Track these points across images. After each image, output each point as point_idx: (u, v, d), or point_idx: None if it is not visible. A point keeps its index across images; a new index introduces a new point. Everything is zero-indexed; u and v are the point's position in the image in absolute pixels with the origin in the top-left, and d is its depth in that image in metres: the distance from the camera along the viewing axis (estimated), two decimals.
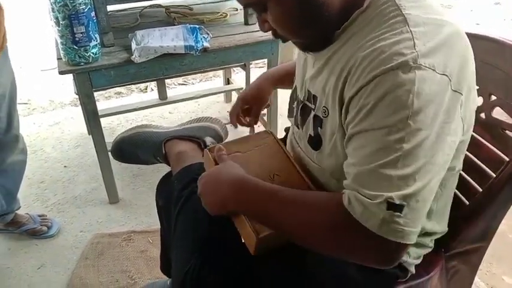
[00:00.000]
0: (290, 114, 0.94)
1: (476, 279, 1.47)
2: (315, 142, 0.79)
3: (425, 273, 0.92)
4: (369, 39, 0.65)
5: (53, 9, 1.39)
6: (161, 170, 1.21)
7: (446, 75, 0.61)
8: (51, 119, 2.44)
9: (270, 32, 0.74)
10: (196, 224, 0.89)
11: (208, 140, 1.09)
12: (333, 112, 0.72)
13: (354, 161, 0.64)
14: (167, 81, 2.66)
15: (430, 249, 0.89)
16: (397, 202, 0.58)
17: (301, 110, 0.84)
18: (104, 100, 2.67)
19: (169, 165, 1.09)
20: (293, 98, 0.93)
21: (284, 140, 1.08)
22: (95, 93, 2.42)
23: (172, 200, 0.95)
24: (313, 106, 0.79)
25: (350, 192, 0.62)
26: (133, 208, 1.81)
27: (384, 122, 0.60)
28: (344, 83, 0.68)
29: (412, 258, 0.86)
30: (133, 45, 1.52)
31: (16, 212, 1.64)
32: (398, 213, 0.58)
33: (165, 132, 1.16)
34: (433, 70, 0.60)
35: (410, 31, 0.62)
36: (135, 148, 1.16)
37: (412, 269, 0.88)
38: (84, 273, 1.52)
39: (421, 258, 0.89)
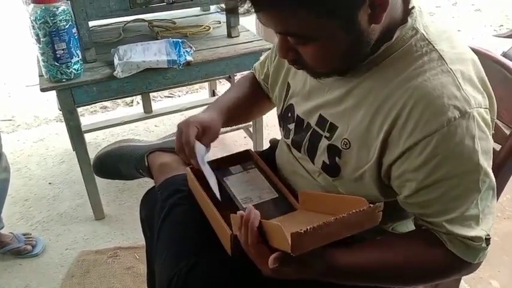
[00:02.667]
0: (286, 134, 0.90)
1: (463, 283, 1.48)
2: (332, 171, 0.77)
3: None
4: (407, 77, 0.66)
5: (33, 26, 1.38)
6: (146, 185, 1.21)
7: (488, 108, 0.67)
8: (36, 136, 2.41)
9: (285, 56, 0.69)
10: (182, 233, 0.89)
11: None
12: (361, 149, 0.71)
13: (433, 212, 0.68)
14: (153, 94, 2.66)
15: None
16: (490, 236, 0.68)
17: (311, 135, 0.80)
18: (89, 115, 2.65)
19: (152, 178, 1.08)
20: (286, 118, 0.89)
21: (267, 152, 1.08)
22: (80, 108, 2.44)
23: (155, 210, 0.95)
24: (327, 134, 0.76)
25: (450, 237, 0.68)
26: (119, 224, 1.79)
27: (457, 170, 0.64)
28: (391, 126, 0.66)
29: None
30: (116, 61, 1.51)
31: (0, 232, 1.61)
32: (489, 244, 0.68)
33: (147, 145, 1.15)
34: (480, 107, 0.65)
35: (450, 70, 0.65)
36: (117, 162, 1.15)
37: None
38: None
39: None
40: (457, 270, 0.72)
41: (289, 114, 0.88)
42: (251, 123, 2.04)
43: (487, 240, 0.68)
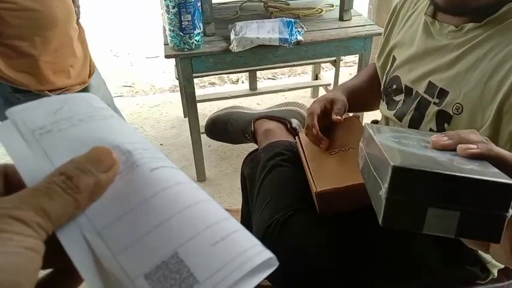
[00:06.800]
0: (390, 107, 0.92)
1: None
2: None
3: (505, 278, 0.89)
4: None
5: None
6: (245, 155, 1.29)
7: None
8: (152, 102, 2.67)
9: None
10: (281, 190, 0.95)
11: (294, 121, 1.15)
12: (474, 114, 0.69)
13: None
14: (257, 75, 2.78)
15: None
16: None
17: (418, 103, 0.81)
18: (199, 89, 2.86)
19: (256, 143, 1.17)
20: (391, 91, 0.91)
21: None
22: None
23: (257, 169, 1.02)
24: (436, 100, 0.77)
25: None
26: (218, 188, 1.93)
27: None
28: (510, 90, 0.64)
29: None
30: (232, 36, 1.63)
31: None
32: None
33: (254, 112, 1.24)
34: None
35: None
36: (227, 125, 1.26)
37: (495, 272, 0.86)
38: None
39: None
40: None
41: (395, 86, 0.89)
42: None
43: None
